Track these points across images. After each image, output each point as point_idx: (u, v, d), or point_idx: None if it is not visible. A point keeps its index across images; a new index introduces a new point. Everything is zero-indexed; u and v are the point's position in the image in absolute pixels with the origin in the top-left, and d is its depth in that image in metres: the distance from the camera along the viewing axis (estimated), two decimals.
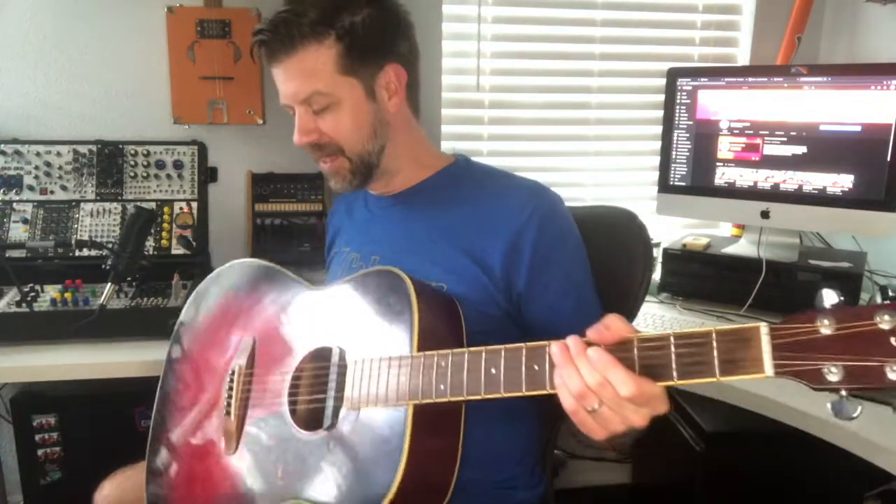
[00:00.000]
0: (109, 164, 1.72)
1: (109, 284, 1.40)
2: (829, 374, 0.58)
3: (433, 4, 1.86)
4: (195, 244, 1.67)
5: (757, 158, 1.63)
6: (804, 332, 0.59)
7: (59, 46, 1.75)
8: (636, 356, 0.68)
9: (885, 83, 1.45)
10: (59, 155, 1.70)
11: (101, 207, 1.69)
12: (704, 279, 1.70)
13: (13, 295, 1.45)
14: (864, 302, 1.60)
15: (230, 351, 1.07)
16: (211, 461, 1.02)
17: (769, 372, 0.60)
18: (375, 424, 0.85)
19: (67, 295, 1.44)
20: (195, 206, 1.73)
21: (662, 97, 1.75)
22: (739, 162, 1.65)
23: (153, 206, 1.69)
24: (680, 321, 1.53)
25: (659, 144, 1.77)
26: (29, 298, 1.42)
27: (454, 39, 1.92)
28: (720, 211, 1.74)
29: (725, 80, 1.65)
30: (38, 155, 1.69)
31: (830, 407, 0.60)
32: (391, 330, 0.88)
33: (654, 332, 0.68)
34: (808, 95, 1.54)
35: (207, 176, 1.80)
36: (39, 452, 1.67)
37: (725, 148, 1.67)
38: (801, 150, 1.57)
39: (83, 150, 1.72)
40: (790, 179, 1.60)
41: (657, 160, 1.77)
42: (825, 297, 0.60)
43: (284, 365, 0.99)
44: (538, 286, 1.00)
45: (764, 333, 0.61)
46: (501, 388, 0.76)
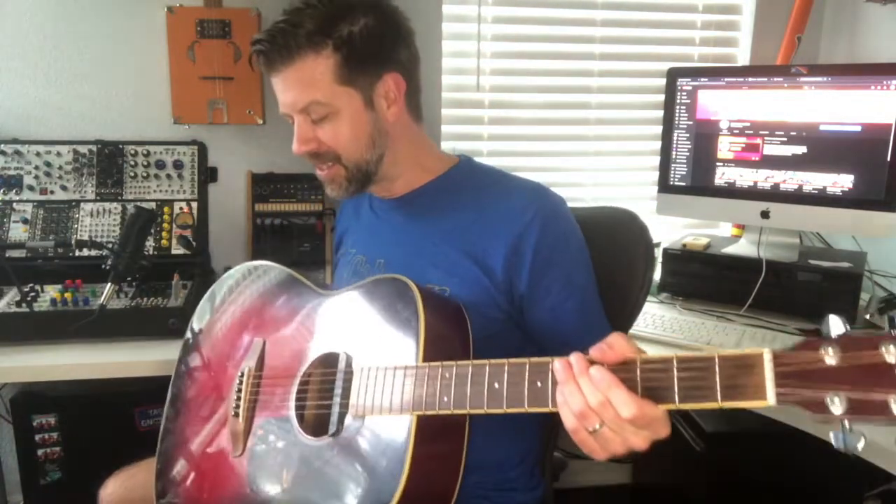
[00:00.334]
0: (109, 164, 1.72)
1: (109, 284, 1.40)
2: (832, 404, 0.57)
3: (433, 4, 1.86)
4: (195, 244, 1.67)
5: (757, 158, 1.63)
6: (808, 360, 0.58)
7: (59, 46, 1.75)
8: (639, 377, 0.67)
9: (885, 83, 1.45)
10: (59, 155, 1.70)
11: (101, 207, 1.69)
12: (704, 279, 1.70)
13: (13, 295, 1.45)
14: (864, 302, 1.60)
15: (241, 352, 1.08)
16: (218, 461, 1.02)
17: (771, 400, 0.59)
18: (380, 432, 0.85)
19: (67, 295, 1.44)
20: (195, 206, 1.73)
21: (662, 97, 1.74)
22: (739, 162, 1.65)
23: (153, 206, 1.69)
24: (680, 321, 1.53)
25: (659, 144, 1.77)
26: (29, 298, 1.42)
27: (454, 39, 1.92)
28: (720, 211, 1.74)
29: (725, 80, 1.65)
30: (38, 155, 1.69)
31: (833, 438, 0.59)
32: (398, 338, 0.88)
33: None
34: (808, 95, 1.54)
35: (207, 176, 1.80)
36: (39, 452, 1.67)
37: (725, 148, 1.67)
38: (801, 150, 1.57)
39: (83, 150, 1.71)
40: (790, 179, 1.60)
41: (657, 160, 1.77)
42: (832, 324, 0.58)
43: (292, 369, 0.99)
44: (539, 288, 1.00)
45: (767, 360, 0.60)
46: (504, 403, 0.76)
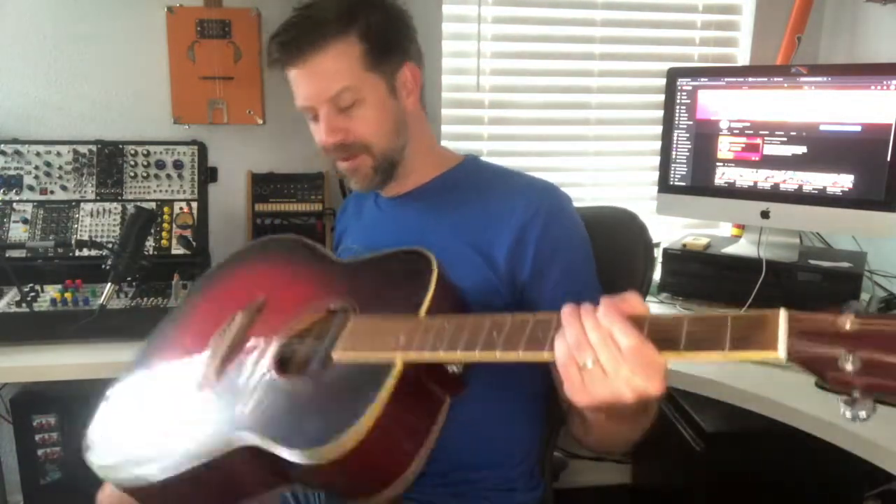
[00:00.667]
0: (109, 164, 1.72)
1: (109, 284, 1.40)
2: (845, 362, 0.55)
3: (433, 4, 1.86)
4: (195, 244, 1.67)
5: (757, 158, 1.63)
6: (825, 321, 0.57)
7: (59, 46, 1.75)
8: (647, 329, 0.65)
9: (885, 83, 1.45)
10: (59, 155, 1.70)
11: (101, 207, 1.69)
12: (704, 279, 1.70)
13: (13, 295, 1.45)
14: (864, 302, 1.60)
15: (242, 305, 1.05)
16: (178, 394, 0.99)
17: (782, 353, 0.57)
18: (358, 373, 0.81)
19: (67, 295, 1.44)
20: (195, 206, 1.73)
21: (662, 97, 1.74)
22: (739, 162, 1.65)
23: (153, 206, 1.69)
24: None
25: (659, 144, 1.76)
26: (29, 298, 1.42)
27: (454, 39, 1.92)
28: (720, 211, 1.74)
29: (725, 80, 1.65)
30: (38, 155, 1.69)
31: (841, 407, 0.58)
32: (403, 298, 0.86)
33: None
34: (808, 95, 1.54)
35: (207, 176, 1.80)
36: (39, 452, 1.67)
37: (725, 148, 1.66)
38: (801, 150, 1.57)
39: (83, 150, 1.72)
40: (790, 179, 1.59)
41: (657, 160, 1.77)
42: (852, 306, 0.58)
43: (287, 319, 0.97)
44: (541, 279, 1.00)
45: (782, 317, 0.59)
46: (499, 346, 0.72)
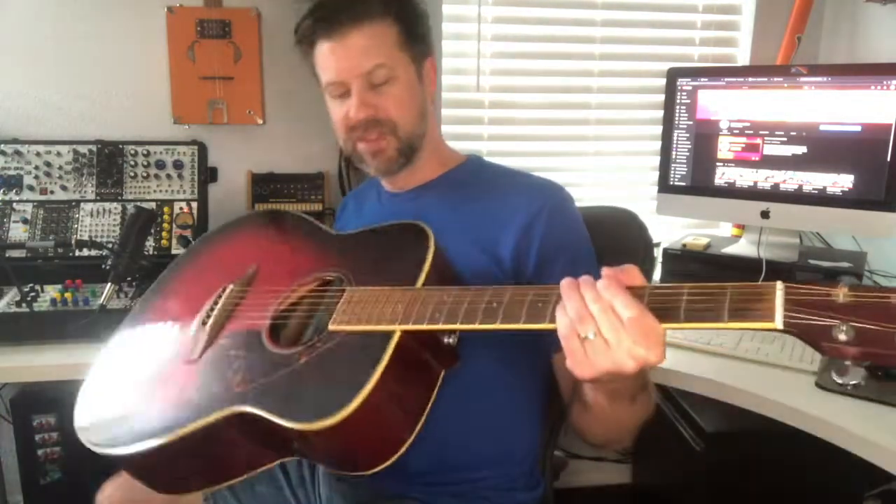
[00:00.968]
0: (109, 164, 1.72)
1: (109, 284, 1.40)
2: (838, 332, 0.58)
3: (433, 4, 1.85)
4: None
5: (757, 158, 1.63)
6: (820, 294, 0.60)
7: (59, 46, 1.75)
8: (647, 300, 0.67)
9: (885, 83, 1.45)
10: (59, 155, 1.70)
11: (101, 207, 1.69)
12: (704, 279, 1.69)
13: (13, 295, 1.45)
14: None
15: (232, 275, 1.05)
16: (167, 364, 0.96)
17: (778, 323, 0.60)
18: (354, 346, 0.80)
19: (67, 295, 1.44)
20: (195, 206, 1.73)
21: (662, 97, 1.74)
22: (739, 162, 1.65)
23: (153, 206, 1.69)
24: None
25: (659, 144, 1.76)
26: (29, 298, 1.42)
27: (454, 39, 1.92)
28: (720, 211, 1.74)
29: (725, 80, 1.65)
30: (38, 155, 1.69)
31: (833, 374, 0.62)
32: (400, 270, 0.86)
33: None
34: (808, 95, 1.54)
35: (207, 176, 1.80)
36: (39, 452, 1.67)
37: (725, 148, 1.66)
38: (801, 150, 1.57)
39: (83, 150, 1.71)
40: (790, 179, 1.59)
41: (657, 160, 1.77)
42: (845, 280, 0.61)
43: (280, 290, 0.97)
44: (545, 273, 1.01)
45: (779, 289, 0.62)
46: (499, 318, 0.72)
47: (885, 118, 1.46)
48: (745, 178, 1.65)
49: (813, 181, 1.57)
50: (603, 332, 0.66)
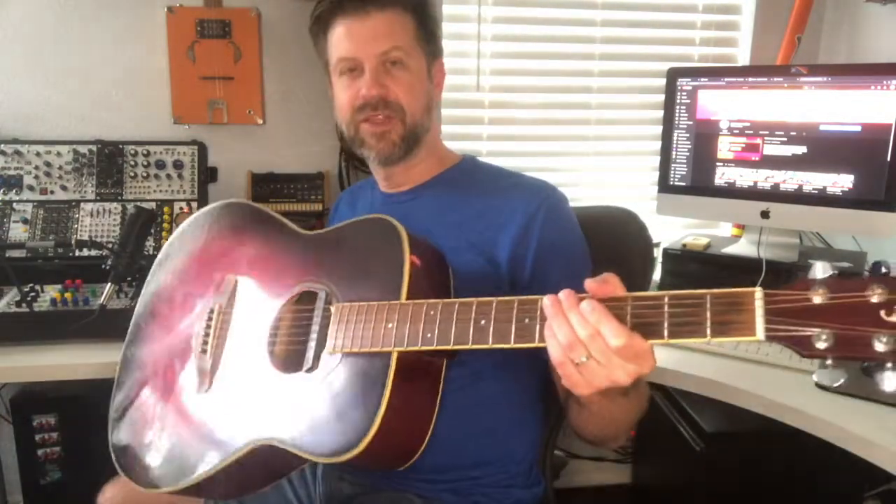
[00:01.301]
0: (109, 164, 1.72)
1: (109, 284, 1.40)
2: (818, 341, 0.60)
3: (433, 4, 1.85)
4: None
5: (757, 158, 1.63)
6: (797, 299, 0.61)
7: (59, 46, 1.75)
8: (629, 312, 0.68)
9: (885, 83, 1.45)
10: (59, 155, 1.70)
11: (101, 207, 1.69)
12: (704, 279, 1.70)
13: (13, 295, 1.45)
14: None
15: (210, 289, 1.05)
16: (181, 399, 1.00)
17: (760, 336, 0.62)
18: (357, 369, 0.83)
19: (67, 295, 1.44)
20: (195, 206, 1.73)
21: (662, 97, 1.74)
22: (739, 162, 1.65)
23: (153, 206, 1.69)
24: None
25: (659, 144, 1.76)
26: (29, 298, 1.42)
27: (454, 39, 1.92)
28: (720, 211, 1.74)
29: (725, 80, 1.65)
30: (38, 155, 1.69)
31: (817, 375, 0.62)
32: (381, 276, 0.87)
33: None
34: (808, 95, 1.54)
35: (207, 176, 1.80)
36: (39, 452, 1.67)
37: (725, 148, 1.66)
38: (801, 150, 1.57)
39: (83, 150, 1.71)
40: (790, 179, 1.59)
41: (657, 160, 1.77)
42: (819, 269, 0.62)
43: (267, 306, 0.98)
44: (541, 275, 1.01)
45: (758, 298, 0.62)
46: (490, 338, 0.75)
47: (884, 118, 1.46)
48: (745, 178, 1.65)
49: (813, 181, 1.57)
50: (594, 354, 0.69)
